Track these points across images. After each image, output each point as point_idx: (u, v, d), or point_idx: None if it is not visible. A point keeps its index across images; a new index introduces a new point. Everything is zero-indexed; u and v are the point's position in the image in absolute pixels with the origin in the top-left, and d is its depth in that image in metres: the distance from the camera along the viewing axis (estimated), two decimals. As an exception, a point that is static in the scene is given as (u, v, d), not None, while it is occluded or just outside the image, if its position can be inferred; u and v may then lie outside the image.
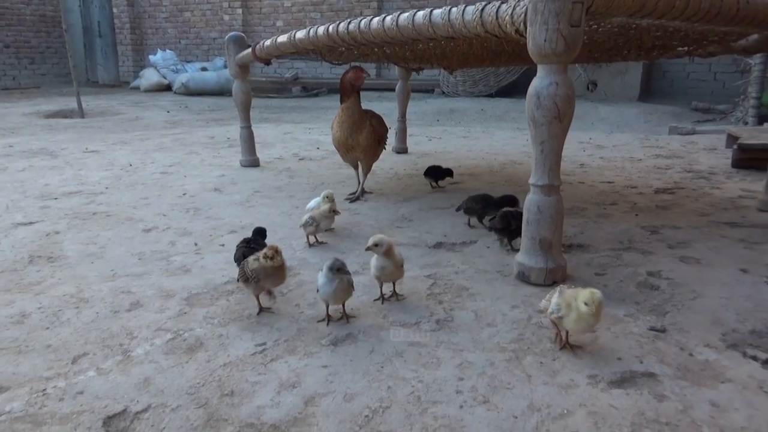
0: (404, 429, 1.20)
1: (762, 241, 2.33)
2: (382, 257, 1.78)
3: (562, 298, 1.47)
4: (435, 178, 3.51)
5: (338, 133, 3.15)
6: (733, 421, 1.19)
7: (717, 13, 2.13)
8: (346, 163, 3.37)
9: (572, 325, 1.45)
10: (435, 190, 3.43)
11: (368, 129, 3.13)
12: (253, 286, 1.76)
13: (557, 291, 1.51)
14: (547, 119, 1.79)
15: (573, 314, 1.43)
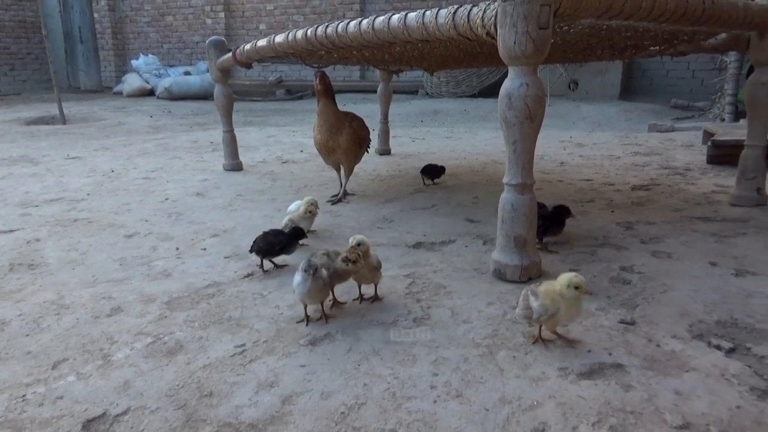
0: (379, 424, 1.23)
1: (732, 235, 2.40)
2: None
3: (541, 299, 1.46)
4: (431, 176, 3.60)
5: (318, 136, 3.20)
6: (695, 407, 1.24)
7: (683, 14, 2.19)
8: (329, 165, 3.40)
9: (566, 316, 1.47)
10: (417, 191, 3.47)
11: (348, 131, 3.17)
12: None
13: (527, 296, 1.51)
14: (518, 119, 1.83)
15: (563, 306, 1.44)
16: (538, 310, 1.47)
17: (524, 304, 1.51)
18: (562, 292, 1.46)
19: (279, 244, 2.16)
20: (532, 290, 1.51)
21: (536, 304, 1.47)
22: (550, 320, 1.48)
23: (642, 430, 1.17)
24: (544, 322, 1.50)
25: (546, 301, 1.46)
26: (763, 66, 2.70)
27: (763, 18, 2.53)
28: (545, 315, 1.46)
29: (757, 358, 1.43)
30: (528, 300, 1.50)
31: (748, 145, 2.83)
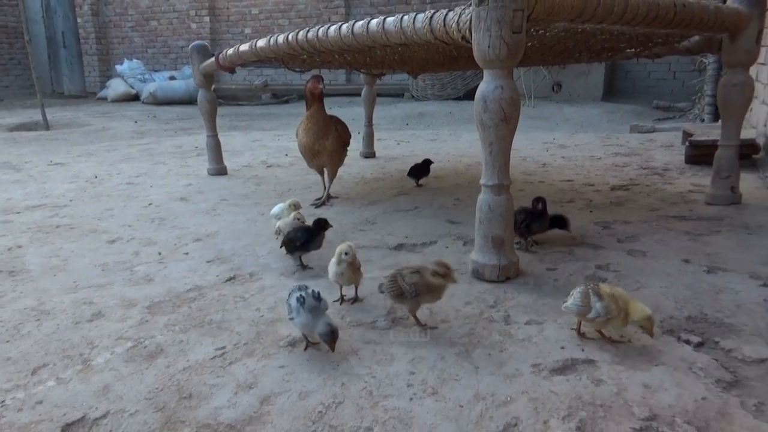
0: (355, 422, 1.25)
1: (706, 233, 2.45)
2: (344, 264, 1.83)
3: (606, 301, 1.46)
4: (418, 176, 3.66)
5: (304, 140, 3.21)
6: (662, 400, 1.27)
7: (655, 17, 2.24)
8: (312, 168, 3.42)
9: (611, 326, 1.50)
10: (400, 194, 3.50)
11: (334, 134, 3.20)
12: (410, 302, 1.61)
13: (588, 293, 1.49)
14: (494, 122, 1.86)
15: (618, 319, 1.46)
16: (598, 311, 1.47)
17: (584, 302, 1.49)
18: (632, 315, 1.47)
19: (299, 239, 2.14)
20: (594, 289, 1.51)
21: (599, 305, 1.47)
22: (604, 323, 1.49)
23: (610, 422, 1.20)
24: (598, 323, 1.51)
25: (611, 304, 1.47)
26: (734, 68, 2.76)
27: (733, 21, 2.59)
28: (603, 317, 1.47)
29: (725, 352, 1.47)
30: (590, 298, 1.49)
31: (722, 145, 2.90)
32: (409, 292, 1.58)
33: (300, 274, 2.17)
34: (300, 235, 2.14)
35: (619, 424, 1.20)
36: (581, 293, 1.52)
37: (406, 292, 1.58)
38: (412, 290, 1.57)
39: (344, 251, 1.82)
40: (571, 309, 1.53)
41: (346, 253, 1.82)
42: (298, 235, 2.14)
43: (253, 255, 2.41)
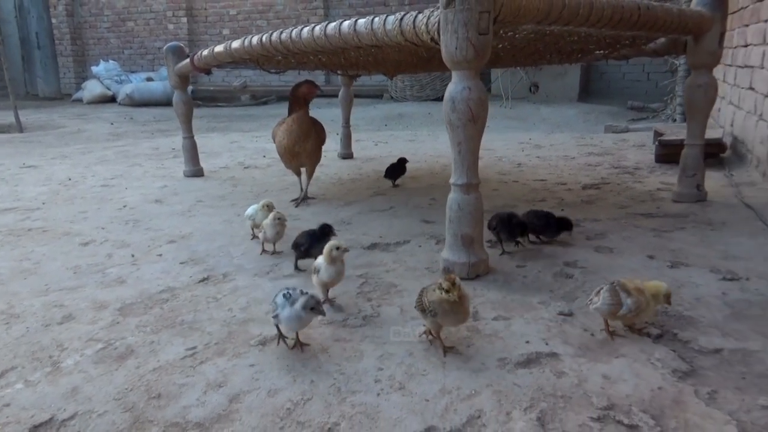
0: (323, 418, 1.27)
1: (671, 229, 2.51)
2: (340, 263, 1.82)
3: (635, 295, 1.49)
4: (394, 177, 3.70)
5: (285, 141, 3.21)
6: (620, 390, 1.31)
7: (620, 19, 2.30)
8: (289, 169, 3.42)
9: (642, 317, 1.54)
10: (376, 194, 3.52)
11: (314, 136, 3.23)
12: (429, 320, 1.51)
13: (616, 291, 1.51)
14: (462, 122, 1.90)
15: (650, 308, 1.51)
16: (630, 306, 1.49)
17: (615, 300, 1.50)
18: (656, 297, 1.53)
19: (303, 245, 2.14)
20: (621, 286, 1.52)
21: (630, 300, 1.49)
22: (635, 317, 1.52)
23: (570, 412, 1.24)
24: (629, 318, 1.53)
25: (640, 297, 1.50)
26: (698, 69, 2.84)
27: (696, 23, 2.67)
28: (634, 311, 1.50)
29: (682, 343, 1.52)
30: (619, 295, 1.51)
31: (687, 144, 2.97)
32: (429, 310, 1.48)
33: (275, 274, 2.18)
34: (304, 241, 2.14)
35: (578, 413, 1.24)
36: (609, 292, 1.52)
37: (426, 310, 1.49)
38: (432, 309, 1.47)
39: (335, 246, 1.80)
40: (603, 309, 1.53)
41: (338, 247, 1.80)
42: (302, 240, 2.14)
43: (227, 256, 2.42)
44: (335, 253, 1.81)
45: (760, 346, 1.49)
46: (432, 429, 1.22)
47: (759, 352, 1.46)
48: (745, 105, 3.98)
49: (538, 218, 2.34)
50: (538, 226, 2.34)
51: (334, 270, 1.82)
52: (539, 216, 2.34)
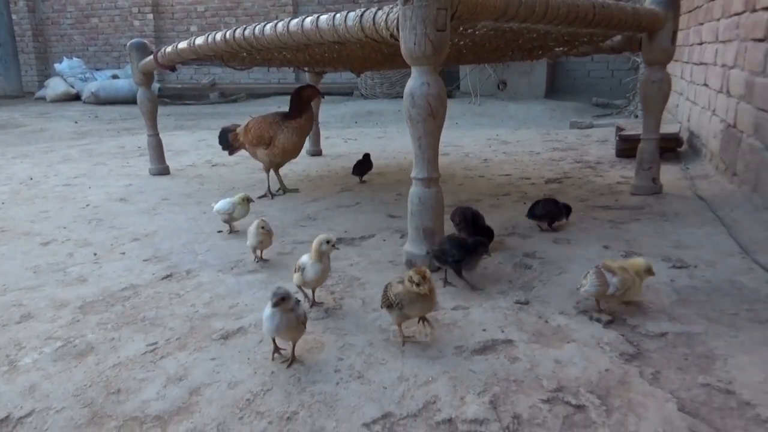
0: (282, 407, 1.29)
1: (627, 221, 2.60)
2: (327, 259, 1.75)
3: (620, 274, 1.57)
4: (361, 173, 3.75)
5: (295, 139, 3.32)
6: (570, 373, 1.37)
7: (576, 17, 2.36)
8: (276, 165, 3.49)
9: (631, 294, 1.61)
10: (343, 190, 3.54)
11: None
12: (396, 313, 1.52)
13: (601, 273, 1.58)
14: (421, 117, 1.93)
15: (636, 284, 1.59)
16: (616, 285, 1.57)
17: (601, 281, 1.58)
18: (639, 273, 1.61)
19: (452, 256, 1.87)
20: (605, 267, 1.60)
21: (615, 280, 1.57)
22: (623, 294, 1.59)
23: (521, 395, 1.29)
24: (618, 297, 1.60)
25: (625, 275, 1.58)
26: (653, 65, 2.94)
27: (650, 21, 2.76)
28: (622, 289, 1.57)
29: (631, 328, 1.59)
30: (604, 276, 1.58)
31: (643, 139, 3.07)
32: (395, 303, 1.50)
33: (239, 270, 2.19)
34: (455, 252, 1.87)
35: (529, 396, 1.28)
36: (595, 274, 1.60)
37: (393, 303, 1.51)
38: (398, 301, 1.49)
39: (325, 240, 1.73)
40: (591, 291, 1.61)
41: (328, 241, 1.74)
42: (453, 252, 1.86)
43: (191, 253, 2.41)
44: (324, 248, 1.74)
45: (702, 329, 1.56)
46: (389, 415, 1.25)
47: (701, 335, 1.53)
48: (700, 101, 4.12)
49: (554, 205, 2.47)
50: (555, 212, 2.47)
51: (320, 267, 1.74)
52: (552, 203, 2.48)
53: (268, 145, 3.34)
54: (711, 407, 1.23)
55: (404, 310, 1.50)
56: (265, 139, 3.33)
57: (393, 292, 1.51)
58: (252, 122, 3.48)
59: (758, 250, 2.12)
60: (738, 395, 1.27)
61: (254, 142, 3.40)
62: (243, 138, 3.52)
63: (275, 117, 3.40)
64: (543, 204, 2.48)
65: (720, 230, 2.40)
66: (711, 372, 1.36)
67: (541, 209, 2.47)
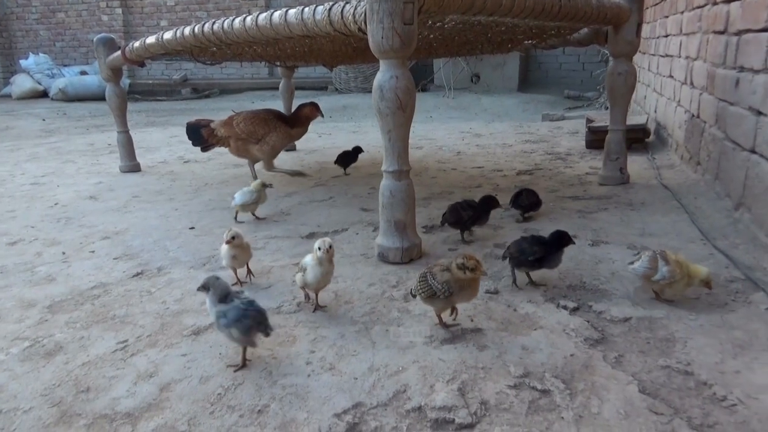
0: (253, 401, 1.30)
1: (595, 210, 2.65)
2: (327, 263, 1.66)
3: (672, 266, 1.59)
4: (345, 164, 3.79)
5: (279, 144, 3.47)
6: (536, 359, 1.40)
7: (542, 10, 2.39)
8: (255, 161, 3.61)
9: (674, 291, 1.64)
10: (317, 185, 3.54)
11: None
12: (442, 302, 1.50)
13: (656, 258, 1.62)
14: (391, 110, 1.94)
15: (682, 283, 1.60)
16: (664, 274, 1.60)
17: (652, 265, 1.61)
18: (692, 278, 1.62)
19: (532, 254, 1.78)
20: (662, 255, 1.64)
21: (666, 269, 1.60)
22: (667, 285, 1.62)
23: (489, 382, 1.32)
24: (660, 285, 1.64)
25: (676, 269, 1.60)
26: (618, 58, 2.99)
27: (615, 14, 2.81)
28: (668, 280, 1.60)
29: (596, 314, 1.63)
30: (657, 262, 1.61)
31: (611, 130, 3.13)
32: (442, 291, 1.47)
33: (211, 266, 2.18)
34: (536, 250, 1.77)
35: (497, 382, 1.31)
36: (649, 257, 1.64)
37: (438, 291, 1.48)
38: (445, 289, 1.47)
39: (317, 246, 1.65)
40: (638, 271, 1.64)
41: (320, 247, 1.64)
42: (534, 249, 1.77)
43: (163, 250, 2.39)
44: (319, 254, 1.64)
45: (664, 313, 1.62)
46: (359, 405, 1.27)
47: (662, 319, 1.58)
48: (666, 92, 4.21)
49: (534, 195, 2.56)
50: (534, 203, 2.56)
51: (320, 271, 1.66)
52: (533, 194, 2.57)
53: (259, 140, 3.37)
54: (670, 388, 1.28)
55: (453, 298, 1.49)
56: (256, 135, 3.38)
57: (440, 281, 1.48)
58: (239, 117, 3.47)
59: (718, 237, 2.19)
60: (696, 376, 1.31)
61: (244, 136, 3.41)
62: (225, 132, 3.49)
63: (269, 115, 3.43)
64: (526, 194, 2.55)
65: (683, 218, 2.47)
66: (671, 354, 1.41)
67: (525, 200, 2.54)
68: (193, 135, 3.69)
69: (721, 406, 1.20)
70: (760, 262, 1.93)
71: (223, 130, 3.49)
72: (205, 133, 3.61)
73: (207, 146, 3.71)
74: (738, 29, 2.52)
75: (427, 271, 1.54)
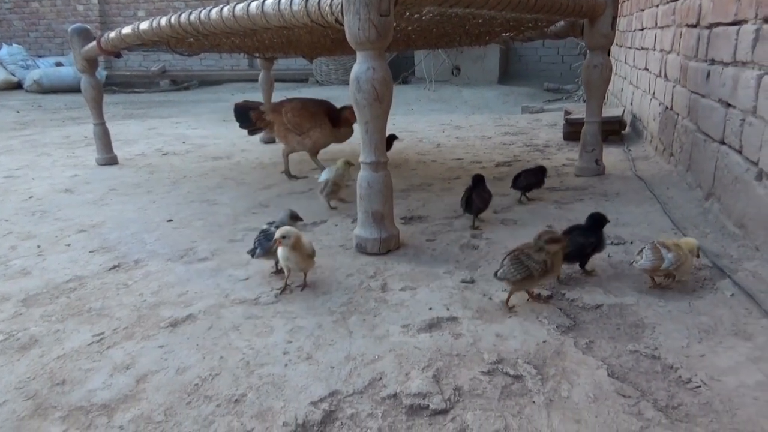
0: (230, 390, 1.31)
1: (571, 201, 2.70)
2: (288, 250, 1.74)
3: (674, 251, 1.64)
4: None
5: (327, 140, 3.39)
6: (509, 346, 1.43)
7: (518, 3, 2.41)
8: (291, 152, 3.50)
9: (684, 271, 1.68)
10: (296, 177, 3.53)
11: None
12: (534, 281, 1.58)
13: (658, 248, 1.65)
14: (368, 101, 1.95)
15: (687, 261, 1.66)
16: (671, 260, 1.64)
17: (656, 255, 1.65)
18: (692, 251, 1.68)
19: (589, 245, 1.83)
20: (660, 243, 1.68)
21: (670, 255, 1.64)
22: (676, 269, 1.67)
23: (463, 369, 1.34)
24: (671, 272, 1.68)
25: (679, 252, 1.65)
26: (594, 50, 3.03)
27: (590, 7, 2.84)
28: (676, 265, 1.64)
29: (569, 301, 1.67)
30: (660, 251, 1.65)
31: (587, 122, 3.18)
32: (538, 270, 1.55)
33: (188, 258, 2.17)
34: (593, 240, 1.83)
35: (471, 369, 1.34)
36: (651, 249, 1.67)
37: (536, 271, 1.55)
38: (542, 268, 1.55)
39: (283, 234, 1.73)
40: (646, 265, 1.67)
41: (284, 236, 1.73)
42: (590, 241, 1.82)
43: (140, 242, 2.38)
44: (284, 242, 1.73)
45: (634, 300, 1.66)
46: (335, 393, 1.28)
47: (633, 306, 1.62)
48: (641, 85, 4.28)
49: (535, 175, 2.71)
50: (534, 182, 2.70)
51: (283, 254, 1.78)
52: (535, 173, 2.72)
53: (302, 133, 3.29)
54: (638, 372, 1.31)
55: (548, 275, 1.58)
56: (302, 128, 3.29)
57: (537, 260, 1.55)
58: (290, 106, 3.37)
59: (689, 226, 2.25)
60: (663, 360, 1.35)
61: (289, 126, 3.32)
62: (273, 118, 3.41)
63: (318, 108, 3.33)
64: (525, 175, 2.70)
65: (656, 208, 2.52)
66: (640, 340, 1.45)
67: (524, 180, 2.70)
68: (241, 117, 3.58)
69: (686, 388, 1.25)
70: (727, 250, 1.99)
71: (271, 115, 3.43)
72: (254, 116, 3.51)
73: (254, 130, 3.64)
74: (709, 23, 2.57)
75: (519, 253, 1.60)
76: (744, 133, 2.11)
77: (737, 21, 2.22)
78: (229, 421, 1.21)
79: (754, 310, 1.57)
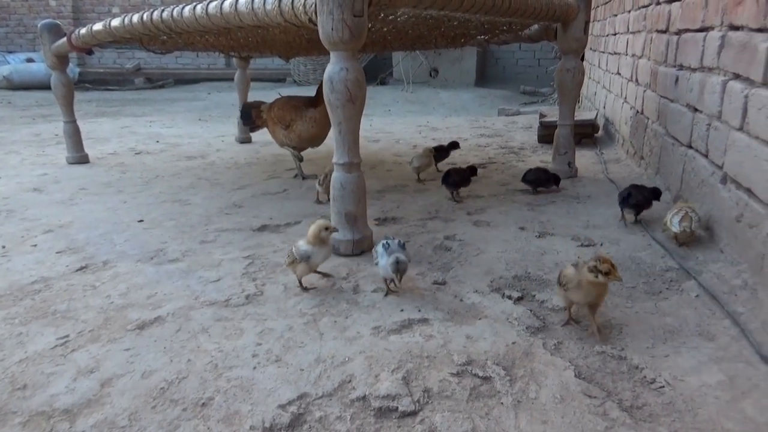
0: (197, 394, 1.29)
1: (544, 204, 2.73)
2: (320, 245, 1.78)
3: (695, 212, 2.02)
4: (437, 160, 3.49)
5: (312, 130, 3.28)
6: (479, 347, 1.44)
7: (492, 6, 2.43)
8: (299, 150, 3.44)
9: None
10: (270, 177, 3.51)
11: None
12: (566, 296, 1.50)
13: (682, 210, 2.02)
14: (341, 102, 1.95)
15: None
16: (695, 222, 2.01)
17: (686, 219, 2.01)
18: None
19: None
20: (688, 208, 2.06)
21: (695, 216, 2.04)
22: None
23: (433, 370, 1.34)
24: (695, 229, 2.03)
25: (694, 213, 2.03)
26: (567, 54, 3.07)
27: (563, 11, 2.88)
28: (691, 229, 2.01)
29: (538, 303, 1.68)
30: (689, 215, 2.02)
31: (560, 125, 3.21)
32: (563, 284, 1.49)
33: (158, 259, 2.14)
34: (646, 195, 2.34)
35: (440, 371, 1.34)
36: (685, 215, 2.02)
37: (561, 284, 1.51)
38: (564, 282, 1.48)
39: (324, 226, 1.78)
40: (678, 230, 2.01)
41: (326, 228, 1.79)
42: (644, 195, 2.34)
43: (109, 243, 2.33)
44: (324, 234, 1.78)
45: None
46: (304, 395, 1.27)
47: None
48: (614, 89, 4.35)
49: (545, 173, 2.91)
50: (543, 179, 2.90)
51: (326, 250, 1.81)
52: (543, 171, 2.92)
53: (287, 127, 3.31)
54: (605, 372, 1.33)
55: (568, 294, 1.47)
56: (285, 121, 3.31)
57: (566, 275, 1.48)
58: (279, 101, 3.41)
59: (657, 228, 2.29)
60: (629, 360, 1.37)
61: (275, 120, 3.36)
62: (266, 115, 3.44)
63: (299, 102, 3.34)
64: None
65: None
66: (607, 340, 1.47)
67: (533, 175, 2.91)
68: (245, 114, 3.65)
69: (650, 388, 1.27)
70: (693, 252, 2.03)
71: (266, 112, 3.45)
72: (254, 114, 3.57)
73: (255, 127, 3.66)
74: (678, 29, 2.63)
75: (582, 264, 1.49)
76: (710, 137, 2.15)
77: (704, 27, 2.27)
78: (195, 425, 1.19)
79: (717, 311, 1.61)
